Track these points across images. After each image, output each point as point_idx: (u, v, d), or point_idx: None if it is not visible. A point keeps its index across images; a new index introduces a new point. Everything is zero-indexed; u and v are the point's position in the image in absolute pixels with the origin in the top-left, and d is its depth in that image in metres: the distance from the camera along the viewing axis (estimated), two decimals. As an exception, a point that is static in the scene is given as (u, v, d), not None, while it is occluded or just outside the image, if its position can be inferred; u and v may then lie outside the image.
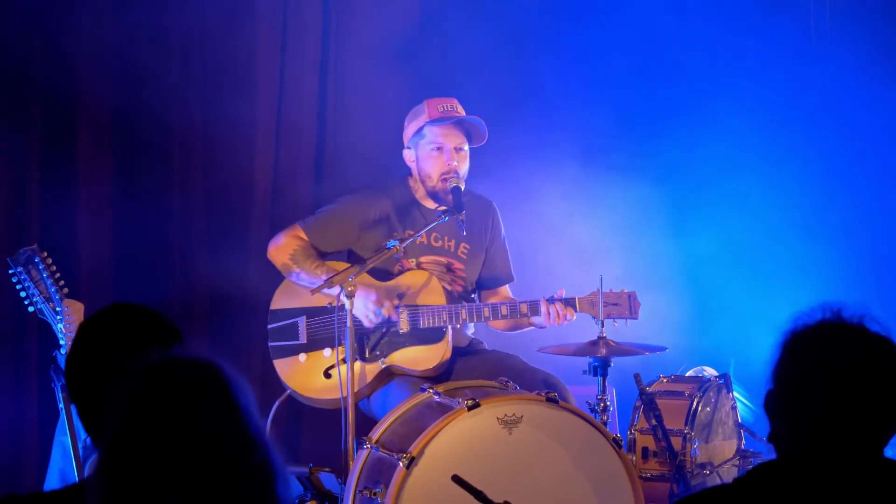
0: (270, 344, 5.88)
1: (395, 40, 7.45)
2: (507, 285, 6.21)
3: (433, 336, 5.77)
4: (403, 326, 5.76)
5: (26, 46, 6.47)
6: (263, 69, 7.17)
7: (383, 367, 5.76)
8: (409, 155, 6.04)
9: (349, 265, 5.73)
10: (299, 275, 5.82)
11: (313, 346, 5.83)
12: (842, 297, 2.68)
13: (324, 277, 5.62)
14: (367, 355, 5.76)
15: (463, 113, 5.96)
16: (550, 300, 5.74)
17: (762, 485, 2.57)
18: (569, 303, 5.76)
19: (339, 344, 5.53)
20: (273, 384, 6.00)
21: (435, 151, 5.92)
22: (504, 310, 5.78)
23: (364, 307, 5.65)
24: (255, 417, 2.35)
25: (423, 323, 5.75)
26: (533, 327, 5.96)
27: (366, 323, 5.68)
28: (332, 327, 5.70)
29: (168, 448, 2.27)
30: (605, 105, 7.67)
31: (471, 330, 6.12)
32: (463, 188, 5.86)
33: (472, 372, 5.78)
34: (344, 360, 5.42)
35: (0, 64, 6.43)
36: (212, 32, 6.93)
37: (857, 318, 2.56)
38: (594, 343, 5.64)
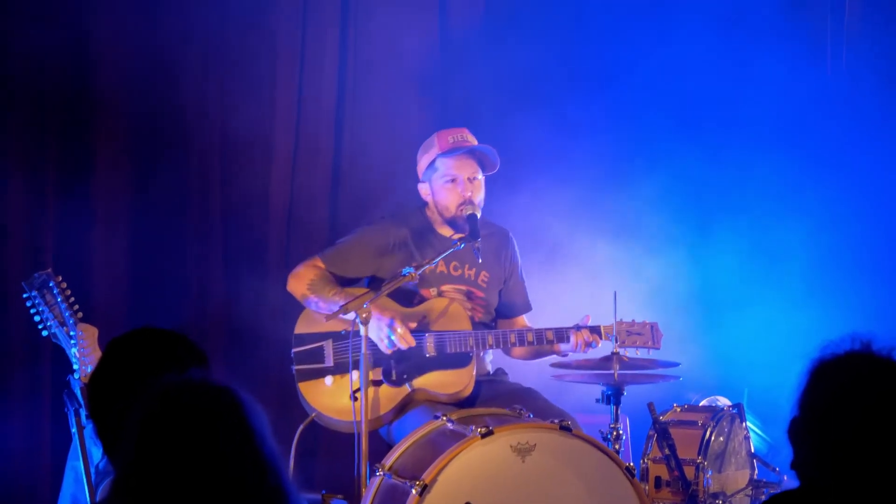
0: (295, 367, 5.87)
1: (414, 65, 7.46)
2: (524, 315, 6.22)
3: (459, 361, 5.78)
4: (430, 350, 5.77)
5: (42, 64, 6.49)
6: (282, 91, 7.18)
7: (410, 390, 5.76)
8: (423, 188, 6.05)
9: (366, 290, 5.74)
10: (318, 303, 5.83)
11: (340, 369, 5.82)
12: (860, 327, 2.67)
13: (340, 303, 5.63)
14: (393, 377, 5.75)
15: (474, 142, 5.98)
16: (577, 328, 5.76)
17: None
18: (594, 331, 5.78)
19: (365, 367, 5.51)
20: (289, 410, 5.99)
21: (449, 184, 5.94)
22: (530, 336, 5.79)
23: (378, 330, 5.66)
24: (268, 441, 2.35)
25: (451, 348, 5.76)
26: (554, 355, 5.96)
27: (381, 347, 5.68)
28: (358, 351, 5.70)
29: (181, 470, 2.27)
30: (622, 129, 7.66)
31: (489, 357, 6.12)
32: (479, 215, 5.87)
33: (495, 399, 5.78)
34: (371, 383, 5.44)
35: (16, 83, 6.46)
36: (230, 55, 6.96)
37: (886, 351, 2.56)
38: (607, 359, 5.64)
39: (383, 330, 5.66)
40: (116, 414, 2.87)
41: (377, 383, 5.64)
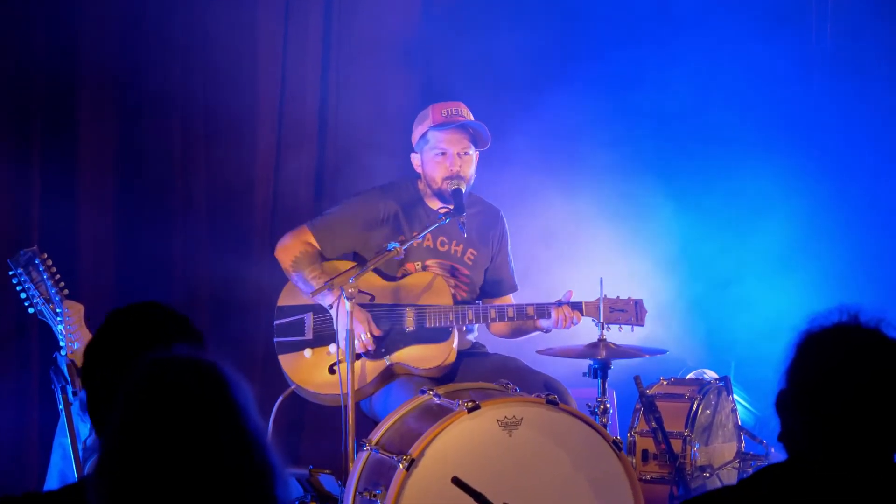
0: (276, 340, 5.89)
1: (398, 42, 7.45)
2: (510, 294, 6.23)
3: (438, 336, 5.79)
4: (409, 324, 5.78)
5: (27, 42, 6.46)
6: (265, 70, 7.17)
7: (388, 364, 5.78)
8: (415, 159, 6.06)
9: (353, 265, 5.75)
10: (297, 281, 5.85)
11: (319, 342, 5.85)
12: (843, 300, 2.67)
13: (316, 287, 5.64)
14: (371, 351, 5.76)
15: (469, 117, 5.98)
16: (559, 303, 5.77)
17: (773, 486, 2.56)
18: (575, 307, 5.79)
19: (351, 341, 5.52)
20: (273, 385, 6.00)
21: (438, 156, 5.94)
22: (511, 312, 5.80)
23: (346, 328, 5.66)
24: (254, 417, 2.35)
25: (430, 322, 5.77)
26: (536, 332, 5.97)
27: (358, 344, 5.69)
28: (335, 326, 5.72)
29: (165, 447, 2.27)
30: (605, 106, 7.66)
31: (473, 334, 6.13)
32: (464, 190, 5.87)
33: (475, 373, 5.80)
34: (357, 355, 5.50)
35: (1, 62, 6.43)
36: (213, 34, 6.92)
37: (874, 322, 2.56)
38: (594, 346, 5.64)
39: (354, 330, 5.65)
40: (107, 385, 2.87)
41: (357, 356, 5.64)
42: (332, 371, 5.79)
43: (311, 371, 5.84)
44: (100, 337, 3.00)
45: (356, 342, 5.64)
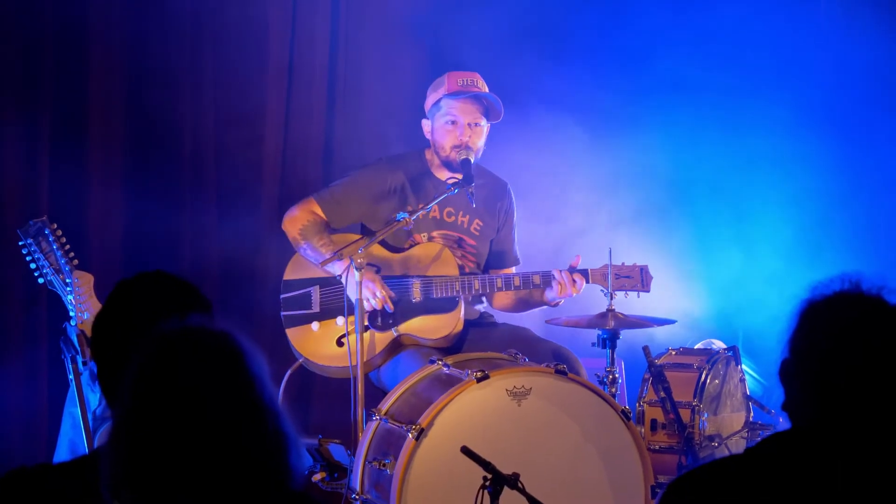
0: (283, 313, 5.90)
1: (406, 11, 7.43)
2: (513, 268, 6.22)
3: (445, 306, 5.80)
4: (416, 296, 5.79)
5: (38, 15, 6.45)
6: (274, 40, 7.16)
7: (396, 335, 5.78)
8: (426, 125, 6.06)
9: (360, 237, 5.75)
10: (306, 250, 5.85)
11: (326, 314, 5.86)
12: (849, 267, 2.67)
13: (327, 255, 5.64)
14: (379, 323, 5.77)
15: (483, 89, 5.97)
16: (561, 271, 5.76)
17: (778, 454, 2.56)
18: (582, 273, 5.77)
19: (351, 313, 5.53)
20: (282, 357, 6.01)
21: (449, 125, 5.93)
22: (517, 280, 5.80)
23: (366, 288, 5.67)
24: (268, 386, 2.36)
25: (437, 293, 5.78)
26: (543, 306, 5.97)
27: (366, 303, 5.69)
28: (344, 296, 5.73)
29: (179, 417, 2.28)
30: (613, 78, 7.64)
31: (482, 305, 6.13)
32: (473, 161, 5.87)
33: (483, 343, 5.81)
34: (365, 326, 5.50)
35: (11, 33, 6.42)
36: (222, 6, 6.91)
37: (875, 290, 2.56)
38: (603, 315, 5.64)
39: (369, 288, 5.67)
40: (117, 354, 2.88)
41: (364, 329, 5.65)
42: (339, 344, 5.79)
43: (319, 344, 5.85)
44: (109, 307, 3.00)
45: (372, 301, 5.65)
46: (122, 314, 2.96)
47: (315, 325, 5.86)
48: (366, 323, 5.70)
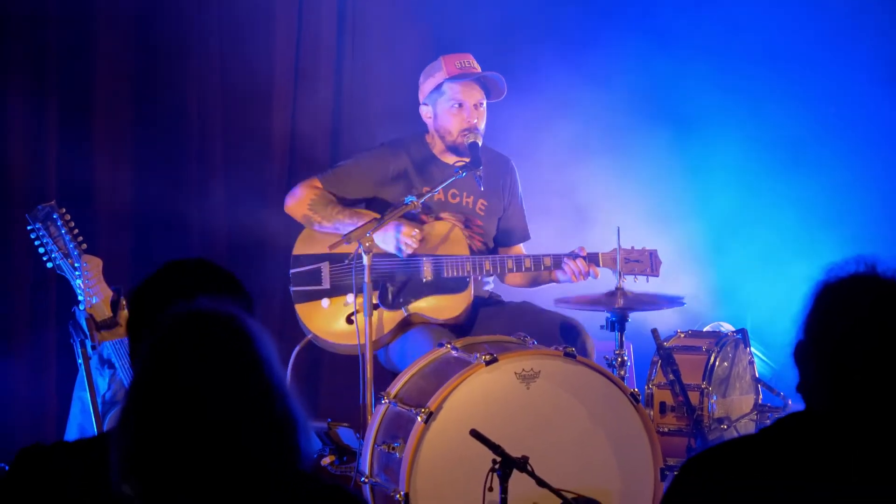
0: (293, 289, 5.90)
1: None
2: (522, 244, 6.22)
3: (456, 286, 5.80)
4: (427, 275, 5.78)
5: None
6: (281, 20, 7.15)
7: (405, 314, 5.78)
8: (426, 111, 6.03)
9: (371, 217, 5.73)
10: (321, 223, 5.85)
11: (336, 291, 5.85)
12: (861, 250, 2.65)
13: (346, 221, 5.66)
14: (389, 301, 5.77)
15: (479, 69, 5.96)
16: (573, 256, 5.75)
17: (793, 437, 2.55)
18: (591, 259, 5.77)
19: (361, 292, 5.52)
20: (290, 336, 6.01)
21: (455, 108, 5.91)
22: (528, 262, 5.80)
23: (384, 242, 5.65)
24: (276, 369, 2.36)
25: (447, 272, 5.77)
26: (553, 283, 5.97)
27: (405, 251, 5.67)
28: (360, 273, 5.71)
29: (188, 397, 2.28)
30: (622, 57, 7.62)
31: (490, 286, 6.13)
32: (480, 143, 5.85)
33: (492, 324, 5.80)
34: (375, 305, 5.51)
35: (16, 13, 6.41)
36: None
37: (891, 272, 2.54)
38: (611, 294, 5.62)
39: (400, 238, 5.65)
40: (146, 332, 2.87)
41: (374, 307, 5.64)
42: (349, 321, 5.79)
43: (329, 320, 5.85)
44: (149, 284, 2.98)
45: (412, 244, 5.65)
46: (160, 294, 2.93)
47: (325, 302, 5.85)
48: (376, 301, 5.69)
